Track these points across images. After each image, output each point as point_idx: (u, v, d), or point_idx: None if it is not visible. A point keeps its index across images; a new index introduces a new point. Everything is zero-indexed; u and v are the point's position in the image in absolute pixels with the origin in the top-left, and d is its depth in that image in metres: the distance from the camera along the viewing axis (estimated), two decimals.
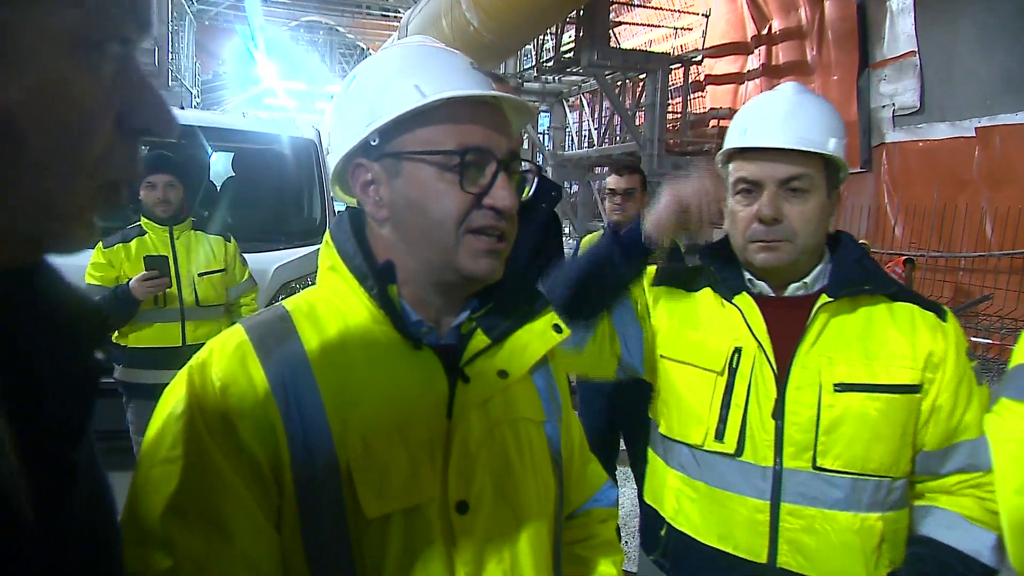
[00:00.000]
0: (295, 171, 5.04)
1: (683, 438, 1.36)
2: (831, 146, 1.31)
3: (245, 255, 3.50)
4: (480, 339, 0.91)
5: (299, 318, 0.87)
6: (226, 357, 0.83)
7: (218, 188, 5.38)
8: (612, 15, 11.67)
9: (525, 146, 11.99)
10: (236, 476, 0.78)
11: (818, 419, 1.26)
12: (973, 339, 8.01)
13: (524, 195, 0.93)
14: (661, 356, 1.43)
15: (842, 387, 1.27)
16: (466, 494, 0.87)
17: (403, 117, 0.84)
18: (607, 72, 11.25)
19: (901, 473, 1.31)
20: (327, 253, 0.92)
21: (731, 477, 1.27)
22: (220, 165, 6.14)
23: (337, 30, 18.43)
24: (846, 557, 1.24)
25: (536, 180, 1.19)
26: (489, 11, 8.20)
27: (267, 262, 4.17)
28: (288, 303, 0.90)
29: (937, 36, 9.89)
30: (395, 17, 15.27)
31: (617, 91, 12.50)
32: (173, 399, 0.81)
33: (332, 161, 0.93)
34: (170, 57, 12.84)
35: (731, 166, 1.36)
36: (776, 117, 1.32)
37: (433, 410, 0.87)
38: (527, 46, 12.47)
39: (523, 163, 0.94)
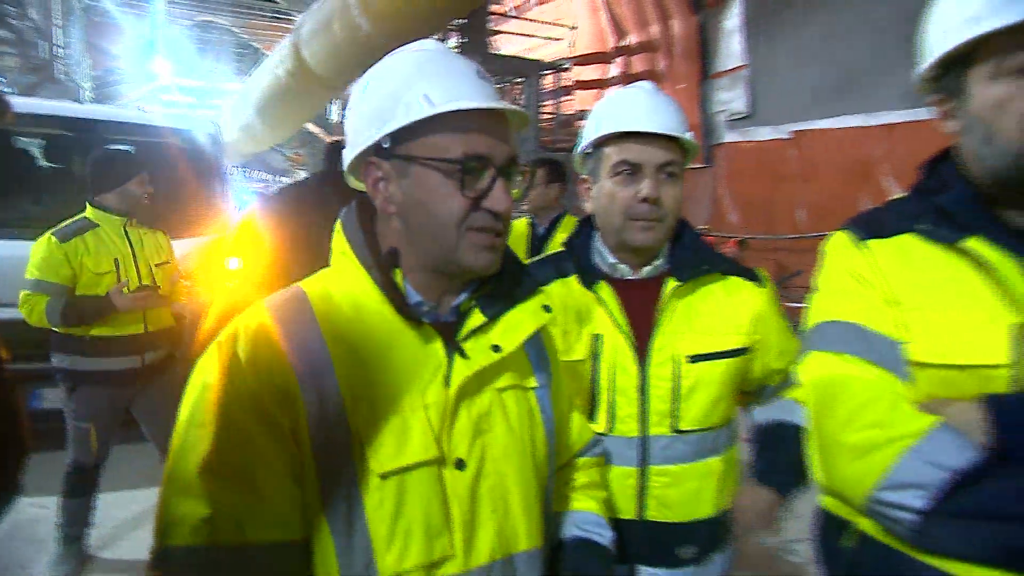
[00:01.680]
0: (196, 164, 4.82)
1: None
2: (689, 137, 1.32)
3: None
4: (477, 317, 0.92)
5: (315, 299, 0.87)
6: (251, 334, 0.83)
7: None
8: (491, 24, 11.65)
9: None
10: (262, 438, 0.80)
11: (676, 388, 1.28)
12: (787, 305, 8.60)
13: (517, 196, 0.93)
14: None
15: (693, 358, 1.29)
16: (464, 453, 0.87)
17: (412, 124, 0.84)
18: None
19: (733, 417, 1.37)
20: (338, 240, 0.93)
21: (615, 449, 1.27)
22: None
23: (232, 31, 17.44)
24: (698, 499, 1.29)
25: None
26: (378, 16, 8.06)
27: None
28: (305, 284, 0.91)
29: (762, 53, 10.38)
30: (288, 19, 14.62)
31: None
32: (205, 372, 0.83)
33: (347, 156, 0.93)
34: (57, 51, 11.78)
35: (607, 150, 1.32)
36: (647, 108, 1.30)
37: (433, 379, 0.87)
38: None
39: (520, 167, 0.93)
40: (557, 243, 2.47)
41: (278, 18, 15.37)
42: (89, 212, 3.05)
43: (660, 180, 1.27)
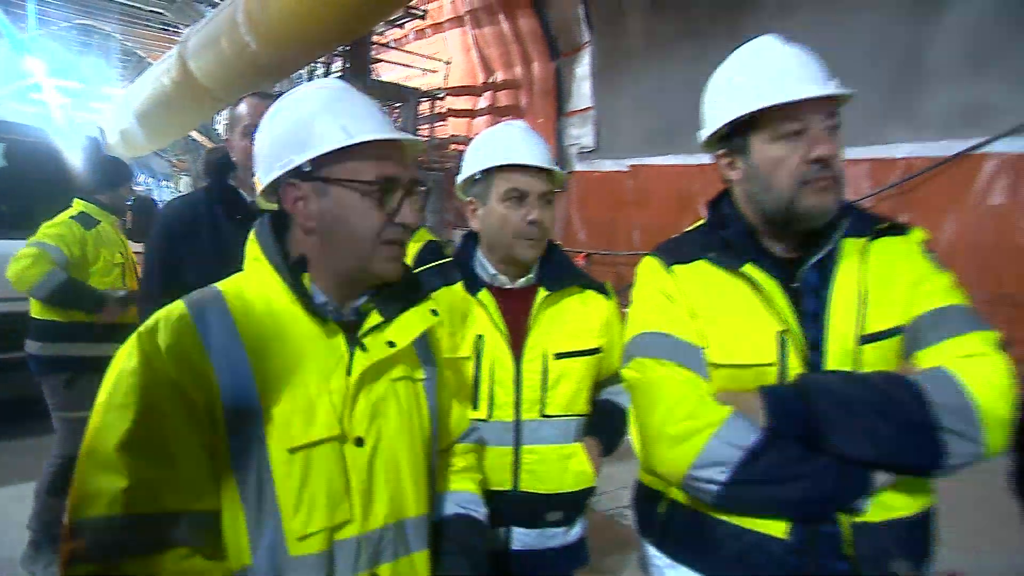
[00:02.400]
0: (73, 163, 4.58)
1: None
2: (559, 170, 1.42)
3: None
4: (375, 317, 0.96)
5: (229, 296, 0.90)
6: (171, 325, 0.86)
7: None
8: (373, 52, 11.85)
9: None
10: (179, 417, 0.82)
11: (544, 380, 1.37)
12: (624, 309, 9.31)
13: (419, 210, 0.98)
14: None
15: (559, 355, 1.38)
16: (363, 432, 0.92)
17: (332, 151, 0.90)
18: None
19: (588, 408, 1.47)
20: (252, 247, 0.96)
21: (486, 435, 1.30)
22: None
23: (114, 36, 16.53)
24: (563, 474, 1.39)
25: None
26: (265, 36, 7.79)
27: None
28: (220, 285, 0.93)
29: (606, 98, 11.34)
30: (175, 31, 14.13)
31: None
32: (125, 359, 0.84)
33: (263, 179, 0.96)
34: None
35: (496, 178, 1.39)
36: (528, 144, 1.38)
37: (337, 368, 0.91)
38: (301, 71, 11.87)
39: (422, 186, 0.98)
40: (412, 250, 2.62)
41: (165, 29, 14.81)
42: (88, 208, 2.95)
43: (541, 205, 1.39)
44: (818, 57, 1.09)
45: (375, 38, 12.06)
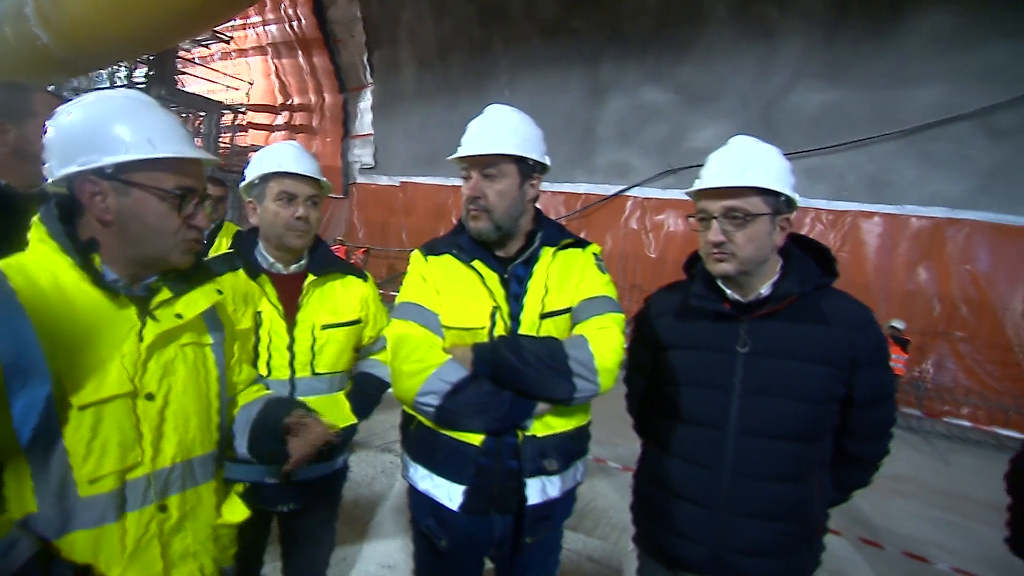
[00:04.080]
0: None
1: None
2: (324, 180, 1.50)
3: None
4: (165, 293, 0.98)
5: (9, 271, 0.85)
6: None
7: None
8: (179, 65, 11.63)
9: None
10: None
11: (313, 346, 1.45)
12: (394, 293, 9.36)
13: (209, 213, 1.00)
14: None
15: (325, 327, 1.47)
16: (154, 389, 0.94)
17: (136, 158, 0.90)
18: (172, 107, 11.34)
19: (350, 366, 1.56)
20: (36, 231, 0.91)
21: (271, 388, 1.35)
22: None
23: None
24: (328, 412, 1.41)
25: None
26: (59, 33, 7.05)
27: None
28: (1, 262, 0.88)
29: (383, 128, 12.48)
30: None
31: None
32: None
33: (54, 170, 0.91)
34: None
35: (270, 183, 1.44)
36: (298, 157, 1.44)
37: (129, 335, 0.92)
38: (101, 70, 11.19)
39: (209, 196, 1.00)
40: (222, 242, 2.72)
41: None
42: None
43: (308, 206, 1.44)
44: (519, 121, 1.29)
45: (181, 53, 11.89)
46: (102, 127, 0.90)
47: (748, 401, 1.16)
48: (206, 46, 13.39)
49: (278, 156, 1.45)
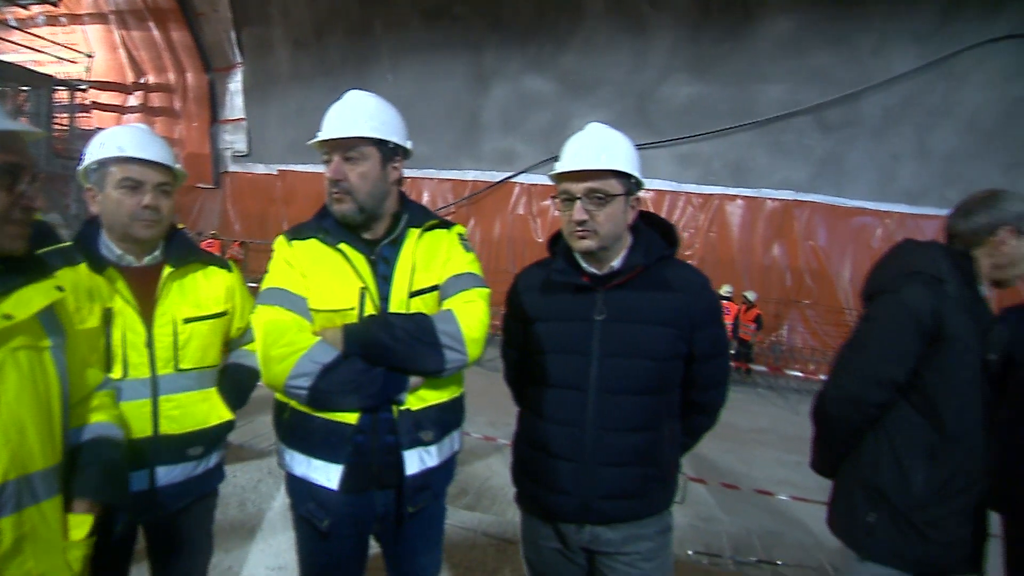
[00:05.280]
0: None
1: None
2: (179, 167, 1.45)
3: None
4: None
5: None
6: None
7: None
8: None
9: None
10: None
11: (175, 342, 1.39)
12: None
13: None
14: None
15: (187, 320, 1.41)
16: None
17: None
18: None
19: (220, 359, 1.52)
20: None
21: (123, 392, 1.31)
22: None
23: None
24: (203, 415, 1.42)
25: None
26: None
27: None
28: None
29: (256, 112, 11.99)
30: None
31: None
32: None
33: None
34: None
35: (112, 168, 1.38)
36: (146, 143, 1.38)
37: None
38: None
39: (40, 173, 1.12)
40: None
41: None
42: None
43: (157, 194, 1.37)
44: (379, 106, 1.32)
45: None
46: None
47: (605, 363, 1.28)
48: (23, 6, 11.83)
49: (120, 139, 1.36)
